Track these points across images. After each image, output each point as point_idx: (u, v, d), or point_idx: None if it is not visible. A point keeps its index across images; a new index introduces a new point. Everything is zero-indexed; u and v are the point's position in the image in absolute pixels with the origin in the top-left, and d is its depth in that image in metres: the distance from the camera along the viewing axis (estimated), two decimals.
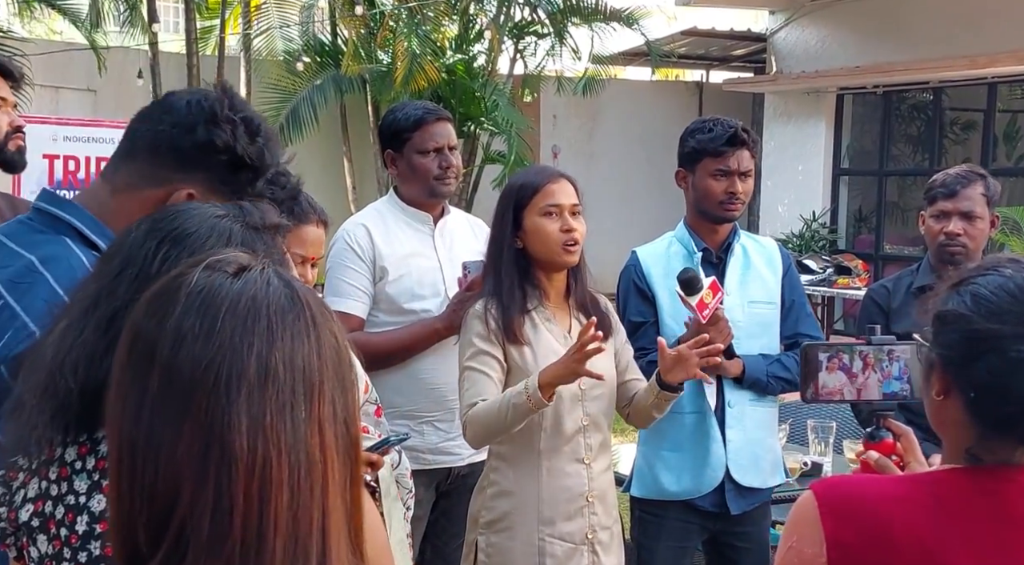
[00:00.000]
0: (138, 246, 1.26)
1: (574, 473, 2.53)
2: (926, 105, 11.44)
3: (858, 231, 11.95)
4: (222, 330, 0.86)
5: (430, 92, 9.89)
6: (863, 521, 1.36)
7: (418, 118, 3.04)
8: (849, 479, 1.51)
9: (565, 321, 2.60)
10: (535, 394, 2.34)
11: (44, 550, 1.24)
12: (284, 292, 0.91)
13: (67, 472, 1.24)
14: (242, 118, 1.57)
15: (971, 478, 1.36)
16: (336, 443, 0.89)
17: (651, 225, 8.51)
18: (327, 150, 11.25)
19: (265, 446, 0.85)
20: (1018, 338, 1.31)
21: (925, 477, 1.47)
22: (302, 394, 0.88)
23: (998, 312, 1.34)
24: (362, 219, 3.10)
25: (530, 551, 2.48)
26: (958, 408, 1.37)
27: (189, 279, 0.90)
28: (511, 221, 2.53)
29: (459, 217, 3.24)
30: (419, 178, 3.03)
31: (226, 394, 0.85)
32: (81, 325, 1.22)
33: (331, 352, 0.91)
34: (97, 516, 1.23)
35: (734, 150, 2.89)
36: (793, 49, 11.90)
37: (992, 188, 3.01)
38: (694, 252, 2.95)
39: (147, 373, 0.87)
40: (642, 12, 11.72)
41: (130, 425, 0.87)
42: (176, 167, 1.56)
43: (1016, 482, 1.35)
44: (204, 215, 1.28)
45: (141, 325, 0.90)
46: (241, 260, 0.93)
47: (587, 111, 12.93)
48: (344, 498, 0.90)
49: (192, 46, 9.69)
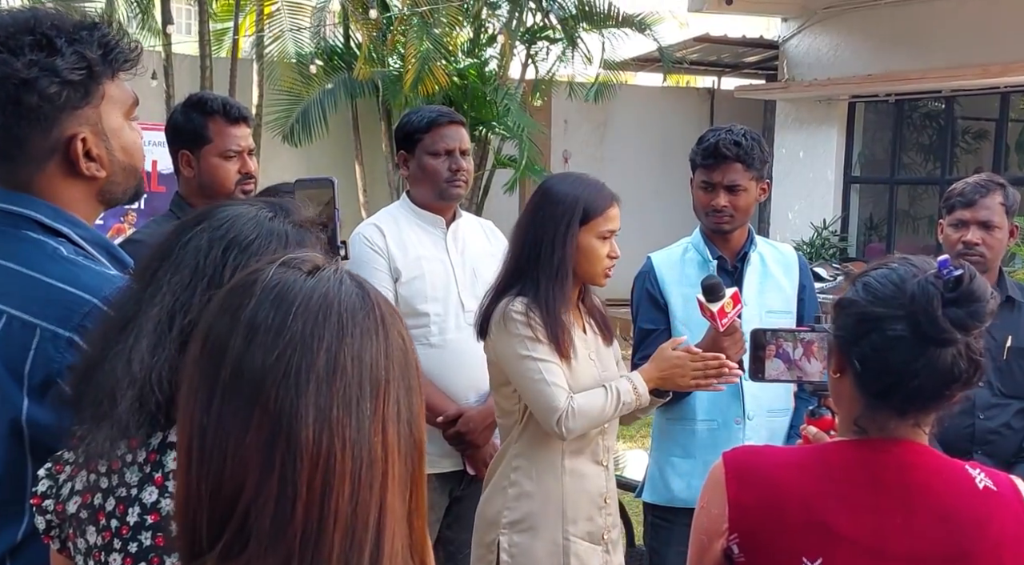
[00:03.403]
0: (204, 255, 1.28)
1: (594, 474, 2.57)
2: (938, 114, 11.43)
3: (869, 239, 11.93)
4: (294, 324, 0.88)
5: (441, 96, 9.90)
6: (761, 485, 1.56)
7: (431, 120, 3.06)
8: (755, 448, 1.70)
9: (579, 325, 2.62)
10: (644, 395, 2.51)
11: (93, 541, 1.26)
12: (356, 292, 0.92)
13: (118, 465, 1.26)
14: (30, 46, 1.45)
15: (855, 449, 1.56)
16: (398, 443, 0.90)
17: (661, 231, 8.51)
18: (338, 154, 11.27)
19: (330, 439, 0.86)
20: (895, 319, 1.51)
21: (819, 448, 1.68)
22: (368, 391, 0.89)
23: (882, 297, 1.53)
24: (375, 221, 3.12)
25: (555, 550, 2.51)
26: (849, 383, 1.56)
27: (265, 275, 0.92)
28: (575, 234, 2.50)
29: (471, 220, 3.24)
30: (429, 180, 3.04)
31: (295, 386, 0.86)
32: (163, 340, 1.24)
33: (398, 353, 0.92)
34: (148, 507, 1.25)
35: (719, 163, 2.86)
36: (805, 56, 11.89)
37: (1011, 197, 2.99)
38: (709, 260, 2.93)
39: (220, 363, 0.89)
40: (654, 18, 11.72)
41: (201, 414, 0.88)
42: (43, 133, 1.48)
43: (891, 454, 1.54)
44: (257, 219, 1.31)
45: (215, 318, 0.92)
46: (316, 260, 0.94)
47: (598, 116, 12.92)
48: (403, 499, 0.91)
49: (205, 48, 9.70)
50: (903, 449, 1.54)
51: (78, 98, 1.49)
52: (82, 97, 1.49)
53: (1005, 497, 1.54)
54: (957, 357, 1.49)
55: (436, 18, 10.24)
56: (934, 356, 1.49)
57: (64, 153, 1.50)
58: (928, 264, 1.54)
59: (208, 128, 2.74)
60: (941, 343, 1.49)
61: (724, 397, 2.79)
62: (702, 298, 2.61)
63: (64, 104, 1.47)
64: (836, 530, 1.50)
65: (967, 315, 1.49)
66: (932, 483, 1.53)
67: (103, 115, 1.53)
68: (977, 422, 2.97)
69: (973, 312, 1.50)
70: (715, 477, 1.61)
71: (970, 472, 1.55)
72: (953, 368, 1.50)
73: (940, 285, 1.50)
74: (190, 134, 2.74)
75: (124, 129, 1.57)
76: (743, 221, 2.94)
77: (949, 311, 1.49)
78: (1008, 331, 3.00)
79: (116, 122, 1.55)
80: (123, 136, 1.57)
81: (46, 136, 1.49)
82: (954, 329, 1.48)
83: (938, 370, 1.50)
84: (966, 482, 1.54)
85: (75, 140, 1.50)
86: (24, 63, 1.43)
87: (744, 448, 1.68)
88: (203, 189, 2.76)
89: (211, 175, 2.76)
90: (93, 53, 1.49)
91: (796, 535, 1.52)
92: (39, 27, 1.46)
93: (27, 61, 1.44)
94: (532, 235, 2.54)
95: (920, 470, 1.53)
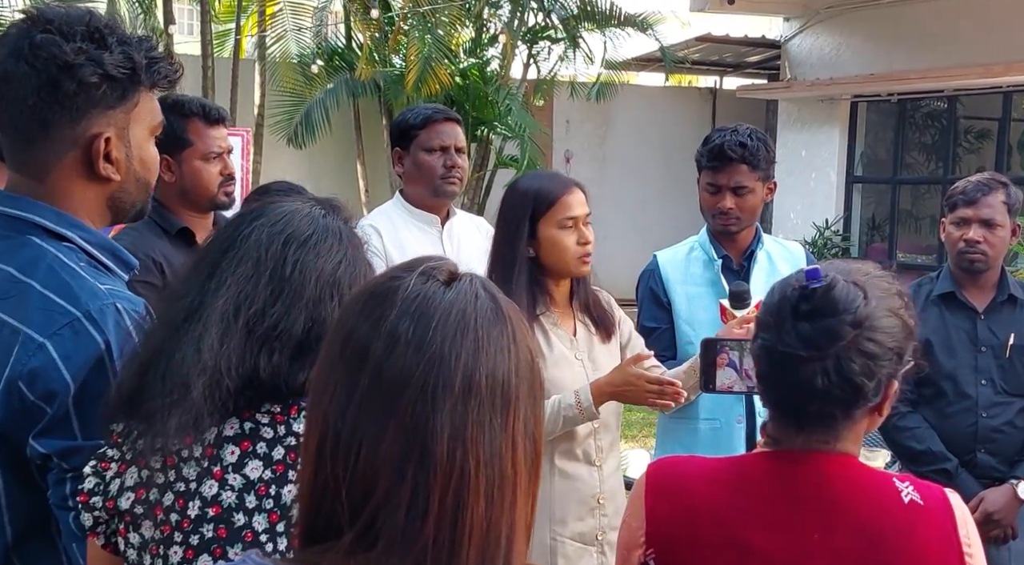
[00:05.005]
0: (265, 249, 1.33)
1: (586, 474, 2.54)
2: (940, 113, 11.41)
3: (871, 239, 11.92)
4: (433, 339, 0.90)
5: (443, 96, 9.91)
6: (676, 497, 1.49)
7: (427, 116, 3.07)
8: (676, 459, 1.61)
9: (570, 324, 2.59)
10: (589, 409, 2.41)
11: (149, 535, 1.30)
12: (490, 306, 0.94)
13: (173, 461, 1.29)
14: (81, 35, 1.47)
15: (770, 461, 1.48)
16: (525, 458, 0.92)
17: (663, 230, 8.53)
18: (340, 154, 11.29)
19: (464, 456, 0.88)
20: (764, 327, 1.44)
21: (736, 459, 1.61)
22: (500, 408, 0.91)
23: (765, 303, 1.48)
24: (370, 220, 3.11)
25: (542, 551, 2.49)
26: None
27: (405, 284, 0.94)
28: (527, 230, 2.50)
29: (465, 219, 3.25)
30: (424, 176, 3.04)
31: (432, 401, 0.88)
32: (230, 329, 1.29)
33: (526, 369, 0.94)
34: (209, 501, 1.29)
35: (724, 165, 2.84)
36: (807, 56, 11.88)
37: (1013, 196, 2.99)
38: (715, 259, 2.93)
39: (359, 369, 0.90)
40: (656, 18, 11.72)
41: (336, 417, 0.90)
42: (71, 123, 1.49)
43: (809, 466, 1.45)
44: (312, 216, 1.37)
45: (355, 324, 0.93)
46: (450, 267, 0.97)
47: (600, 116, 12.92)
48: (525, 513, 0.93)
49: (207, 48, 9.70)
50: (820, 461, 1.45)
51: (114, 98, 1.50)
52: (118, 98, 1.50)
53: (932, 511, 1.44)
54: (817, 374, 1.38)
55: (438, 18, 10.24)
56: (791, 370, 1.40)
57: (85, 149, 1.51)
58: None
59: (188, 131, 2.70)
60: (791, 358, 1.39)
61: (728, 397, 2.78)
62: (726, 303, 2.60)
63: (99, 100, 1.48)
64: (751, 546, 1.42)
65: (816, 331, 1.38)
66: (853, 497, 1.43)
67: (131, 123, 1.54)
68: (980, 420, 2.97)
69: (823, 328, 1.38)
70: (637, 489, 1.54)
71: (897, 485, 1.45)
72: (811, 385, 1.39)
73: (796, 297, 1.41)
74: (169, 138, 2.62)
75: (147, 144, 1.59)
76: (750, 222, 2.93)
77: (799, 325, 1.39)
78: (1010, 329, 3.00)
79: (141, 135, 1.56)
80: (144, 150, 1.58)
81: (73, 127, 1.49)
82: (800, 345, 1.39)
83: (797, 385, 1.40)
84: (891, 496, 1.44)
85: (99, 138, 1.50)
86: (73, 49, 1.45)
87: (668, 459, 1.61)
88: (185, 193, 2.73)
89: (194, 178, 2.72)
90: (139, 59, 1.51)
91: (710, 550, 1.45)
92: (94, 22, 1.49)
93: (76, 47, 1.45)
94: (497, 239, 2.57)
95: (840, 483, 1.44)
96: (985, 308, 3.02)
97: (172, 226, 2.70)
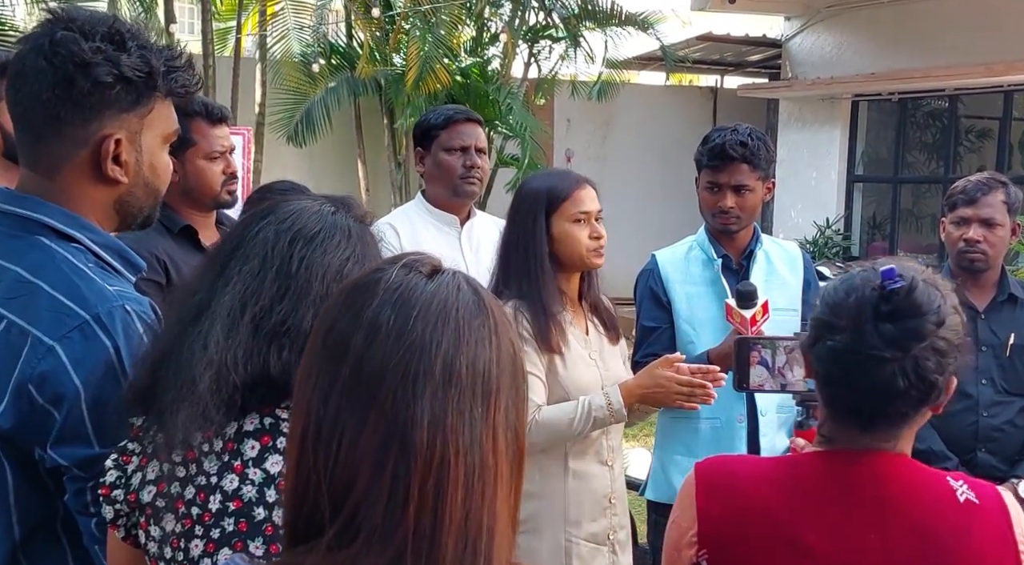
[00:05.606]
0: (271, 246, 1.34)
1: (599, 474, 2.56)
2: (941, 112, 11.42)
3: (872, 238, 11.92)
4: (413, 328, 0.90)
5: (444, 95, 9.91)
6: (728, 497, 1.48)
7: (448, 117, 3.10)
8: (727, 459, 1.62)
9: (581, 323, 2.61)
10: (619, 411, 2.43)
11: (171, 528, 1.31)
12: (472, 298, 0.95)
13: (194, 454, 1.30)
14: (102, 36, 1.48)
15: (826, 461, 1.48)
16: (506, 450, 0.92)
17: (664, 230, 8.52)
18: (341, 152, 11.29)
19: (444, 445, 0.88)
20: (837, 329, 1.43)
21: (790, 459, 1.60)
22: (480, 398, 0.91)
23: (830, 305, 1.46)
24: (389, 220, 3.13)
25: (557, 551, 2.51)
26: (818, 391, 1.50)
27: (387, 275, 0.94)
28: (543, 225, 2.52)
29: (485, 219, 3.25)
30: (444, 176, 3.06)
31: (412, 389, 0.89)
32: (236, 325, 1.30)
33: (508, 360, 0.94)
34: (230, 494, 1.30)
35: (725, 164, 2.85)
36: (808, 55, 11.88)
37: (1013, 195, 2.99)
38: (714, 259, 2.93)
39: (340, 360, 0.91)
40: (657, 17, 11.72)
41: (318, 406, 0.91)
42: (83, 121, 1.49)
43: (864, 465, 1.45)
44: (321, 213, 1.38)
45: (337, 314, 0.94)
46: (434, 262, 0.97)
47: (601, 115, 12.92)
48: (508, 505, 0.93)
49: (208, 47, 9.71)
50: (876, 461, 1.45)
51: (128, 101, 1.50)
52: (132, 101, 1.50)
53: (988, 511, 1.43)
54: (897, 375, 1.39)
55: (439, 17, 10.25)
56: (871, 372, 1.40)
57: (95, 149, 1.51)
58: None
59: (191, 130, 2.69)
60: (873, 360, 1.39)
61: (727, 396, 2.78)
62: (732, 302, 2.61)
63: (112, 101, 1.48)
64: (806, 547, 1.42)
65: (900, 332, 1.39)
66: (909, 496, 1.43)
67: (145, 128, 1.53)
68: (980, 420, 2.97)
69: (909, 329, 1.39)
70: (687, 488, 1.54)
71: (951, 484, 1.45)
72: (892, 386, 1.40)
73: (875, 298, 1.41)
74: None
75: (159, 151, 1.58)
76: (750, 221, 2.94)
77: (882, 327, 1.40)
78: (1011, 328, 3.00)
79: (153, 141, 1.56)
80: (156, 156, 1.58)
81: (85, 126, 1.49)
82: (885, 346, 1.39)
83: (877, 387, 1.40)
84: (946, 495, 1.44)
85: (109, 139, 1.50)
86: (91, 47, 1.45)
87: (718, 458, 1.61)
88: (188, 193, 2.73)
89: (198, 178, 2.73)
90: (157, 64, 1.51)
91: (764, 551, 1.44)
92: (117, 26, 1.49)
93: (94, 47, 1.45)
94: (509, 237, 2.59)
95: (896, 483, 1.44)
96: (985, 307, 3.02)
97: (175, 224, 2.72)
